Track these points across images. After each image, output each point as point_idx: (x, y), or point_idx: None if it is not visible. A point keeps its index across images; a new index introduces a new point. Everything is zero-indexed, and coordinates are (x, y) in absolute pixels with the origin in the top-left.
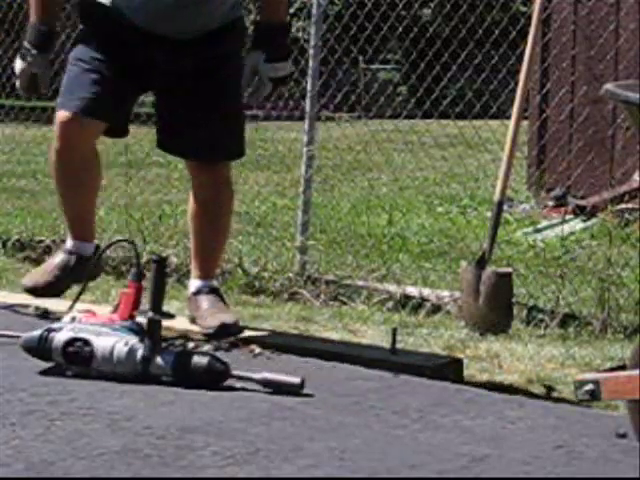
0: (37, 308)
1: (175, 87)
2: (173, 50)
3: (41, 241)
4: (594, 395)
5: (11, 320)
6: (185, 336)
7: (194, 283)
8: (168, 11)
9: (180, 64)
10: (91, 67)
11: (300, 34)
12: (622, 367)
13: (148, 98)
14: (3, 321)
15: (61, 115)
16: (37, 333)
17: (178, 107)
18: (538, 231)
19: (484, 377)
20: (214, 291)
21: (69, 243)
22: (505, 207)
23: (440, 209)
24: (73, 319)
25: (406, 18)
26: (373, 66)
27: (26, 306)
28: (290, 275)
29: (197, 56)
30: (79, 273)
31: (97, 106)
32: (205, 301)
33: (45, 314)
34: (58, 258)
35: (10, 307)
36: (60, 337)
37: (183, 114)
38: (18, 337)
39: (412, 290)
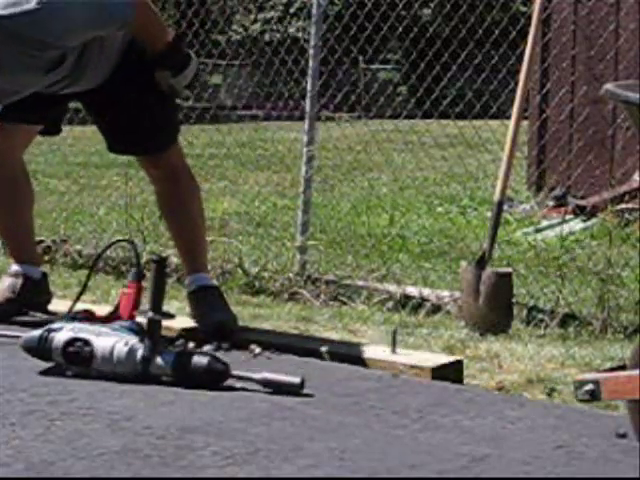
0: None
1: (94, 102)
2: (83, 94)
3: (41, 241)
4: (594, 395)
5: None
6: (185, 336)
7: (189, 280)
8: (68, 78)
9: (94, 96)
10: None
11: (300, 34)
12: (622, 367)
13: None
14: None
15: None
16: (37, 333)
17: (104, 114)
18: (538, 231)
19: (484, 377)
20: (213, 289)
21: (13, 267)
22: (505, 207)
23: (440, 209)
24: (73, 319)
25: (406, 18)
26: (373, 66)
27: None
28: (290, 275)
29: (104, 88)
30: (28, 295)
31: (19, 111)
32: (203, 299)
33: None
34: (6, 282)
35: None
36: (60, 337)
37: (111, 119)
38: (18, 337)
39: (412, 290)
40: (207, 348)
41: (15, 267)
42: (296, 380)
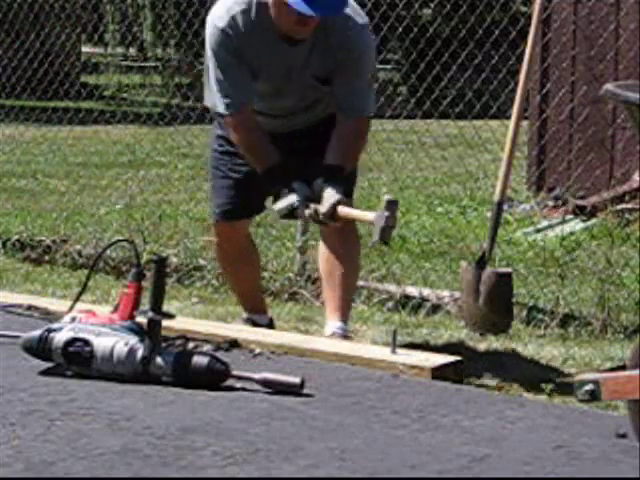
0: (30, 308)
1: (291, 151)
2: (286, 136)
3: (41, 241)
4: (594, 395)
5: (11, 320)
6: (185, 336)
7: (331, 325)
8: (284, 121)
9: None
10: (224, 175)
11: None
12: (622, 367)
13: (149, 98)
14: (3, 321)
15: (212, 221)
16: (37, 333)
17: (300, 163)
18: (538, 231)
19: (484, 377)
20: (347, 339)
21: (245, 314)
22: (505, 207)
23: (440, 209)
24: (73, 319)
25: (406, 18)
26: None
27: (28, 307)
28: (290, 275)
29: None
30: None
31: (234, 210)
32: None
33: (46, 314)
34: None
35: (10, 307)
36: (60, 337)
37: (306, 167)
38: (18, 337)
39: (412, 290)
40: (207, 348)
41: (245, 315)
42: (296, 380)
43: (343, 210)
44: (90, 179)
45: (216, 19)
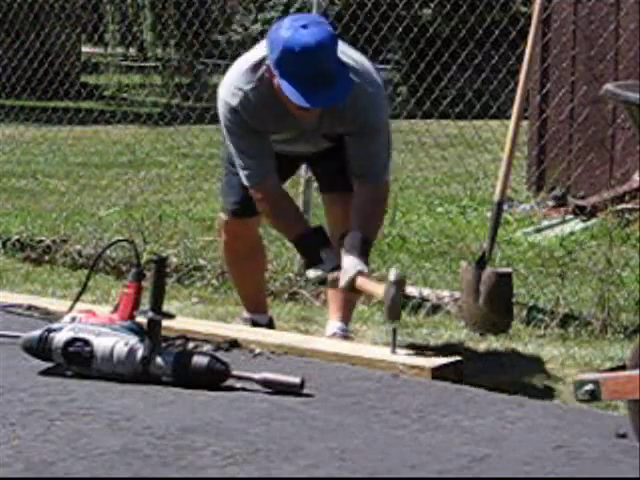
0: (30, 308)
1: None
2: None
3: (41, 241)
4: (594, 395)
5: (11, 320)
6: (185, 336)
7: (332, 325)
8: (298, 155)
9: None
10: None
11: None
12: (622, 367)
13: (149, 98)
14: (3, 321)
15: (222, 216)
16: (37, 333)
17: (317, 165)
18: (538, 231)
19: (484, 377)
20: (347, 339)
21: (245, 314)
22: (505, 207)
23: (440, 209)
24: (73, 319)
25: (406, 18)
26: None
27: (28, 307)
28: (290, 275)
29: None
30: None
31: (246, 207)
32: None
33: (46, 314)
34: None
35: (10, 307)
36: (60, 337)
37: (323, 167)
38: (18, 337)
39: (412, 290)
40: (207, 348)
41: (246, 314)
42: (296, 380)
43: (360, 283)
44: (90, 179)
45: (227, 98)
